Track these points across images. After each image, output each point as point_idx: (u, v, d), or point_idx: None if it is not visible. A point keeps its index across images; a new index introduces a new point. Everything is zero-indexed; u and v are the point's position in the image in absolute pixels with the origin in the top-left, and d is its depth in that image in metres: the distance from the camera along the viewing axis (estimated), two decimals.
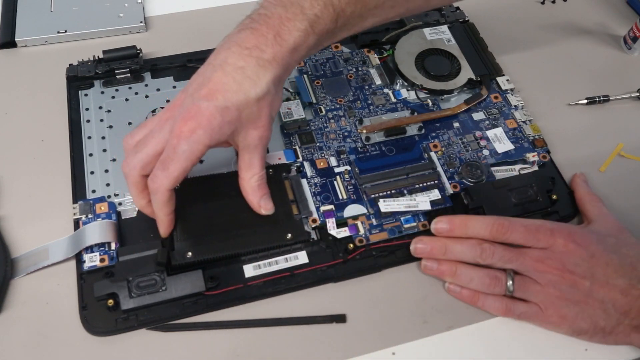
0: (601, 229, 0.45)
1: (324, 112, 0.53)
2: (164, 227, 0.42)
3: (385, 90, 0.55)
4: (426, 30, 0.59)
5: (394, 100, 0.55)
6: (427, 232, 0.46)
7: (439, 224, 0.44)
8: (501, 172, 0.50)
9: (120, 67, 0.54)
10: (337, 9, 0.41)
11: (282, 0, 0.40)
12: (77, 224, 0.45)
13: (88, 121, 0.52)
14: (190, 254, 0.42)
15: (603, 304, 0.40)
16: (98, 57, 0.55)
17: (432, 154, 0.51)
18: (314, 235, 0.46)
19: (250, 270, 0.44)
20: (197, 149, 0.38)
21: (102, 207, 0.45)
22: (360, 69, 0.57)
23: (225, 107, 0.38)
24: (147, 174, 0.40)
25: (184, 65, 0.56)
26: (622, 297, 0.40)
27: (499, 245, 0.42)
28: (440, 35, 0.58)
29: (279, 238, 0.44)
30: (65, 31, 0.58)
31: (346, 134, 0.52)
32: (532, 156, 0.51)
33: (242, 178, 0.43)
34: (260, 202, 0.43)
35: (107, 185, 0.48)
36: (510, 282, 0.42)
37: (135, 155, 0.40)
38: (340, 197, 0.48)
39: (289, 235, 0.44)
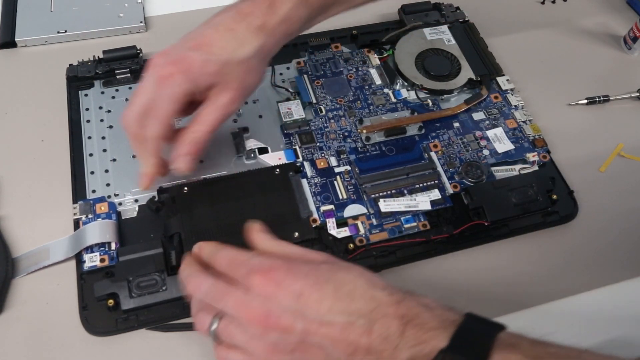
0: (312, 256, 0.37)
1: (324, 112, 0.53)
2: (147, 180, 0.43)
3: (386, 90, 0.55)
4: (426, 30, 0.59)
5: (394, 100, 0.55)
6: (427, 232, 0.46)
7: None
8: (501, 172, 0.50)
9: (121, 67, 0.54)
10: None
11: None
12: (77, 224, 0.45)
13: (88, 121, 0.52)
14: None
15: (322, 348, 0.32)
16: (98, 57, 0.55)
17: (432, 154, 0.51)
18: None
19: None
20: (177, 92, 0.40)
21: (102, 207, 0.45)
22: (360, 69, 0.57)
23: (208, 59, 0.40)
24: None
25: None
26: (342, 337, 0.32)
27: (207, 277, 0.35)
28: (440, 35, 0.58)
29: (286, 237, 0.44)
30: (65, 31, 0.58)
31: (346, 134, 0.52)
32: (532, 156, 0.51)
33: (188, 128, 0.42)
34: (181, 157, 0.42)
35: (107, 185, 0.48)
36: (215, 326, 0.34)
37: (129, 107, 0.41)
38: (341, 197, 0.48)
39: (296, 234, 0.44)
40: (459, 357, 0.29)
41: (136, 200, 0.47)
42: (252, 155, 0.50)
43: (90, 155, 0.49)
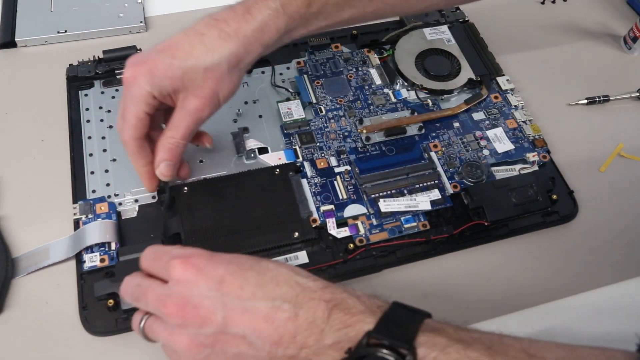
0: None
1: (324, 112, 0.53)
2: (145, 181, 0.44)
3: (385, 90, 0.55)
4: (426, 30, 0.59)
5: (394, 100, 0.55)
6: (427, 232, 0.46)
7: None
8: (501, 172, 0.50)
9: (121, 67, 0.54)
10: None
11: None
12: (77, 224, 0.45)
13: (88, 121, 0.52)
14: None
15: (245, 338, 0.31)
16: (98, 57, 0.55)
17: (432, 154, 0.51)
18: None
19: None
20: (141, 94, 0.40)
21: (102, 207, 0.45)
22: (360, 69, 0.57)
23: (171, 63, 0.39)
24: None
25: None
26: (266, 324, 0.31)
27: (135, 277, 0.35)
28: (440, 35, 0.58)
29: (286, 237, 0.44)
30: (65, 31, 0.58)
31: (346, 133, 0.52)
32: (532, 156, 0.51)
33: (164, 134, 0.42)
34: (161, 164, 0.43)
35: (107, 185, 0.48)
36: (142, 323, 0.34)
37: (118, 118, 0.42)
38: (341, 197, 0.48)
39: (296, 233, 0.44)
40: (385, 338, 0.29)
41: (136, 200, 0.47)
42: (252, 155, 0.50)
43: (90, 155, 0.49)
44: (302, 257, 0.45)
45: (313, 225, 0.45)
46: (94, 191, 0.47)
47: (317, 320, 0.31)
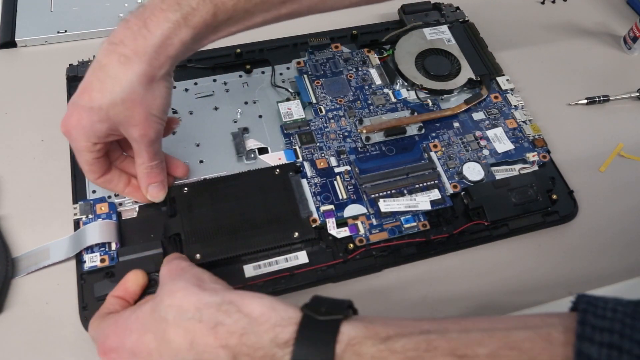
0: (161, 273, 0.37)
1: (324, 112, 0.53)
2: (133, 197, 0.46)
3: (385, 90, 0.56)
4: (426, 30, 0.59)
5: (394, 100, 0.55)
6: (427, 232, 0.46)
7: None
8: (501, 172, 0.50)
9: None
10: (216, 1, 0.39)
11: None
12: (77, 224, 0.45)
13: None
14: (198, 255, 0.42)
15: None
16: None
17: (432, 153, 0.51)
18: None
19: (250, 270, 0.44)
20: (82, 145, 0.40)
21: (103, 208, 0.45)
22: (360, 69, 0.57)
23: (91, 107, 0.38)
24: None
25: (184, 66, 0.56)
26: None
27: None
28: (440, 35, 0.58)
29: (286, 237, 0.44)
30: (65, 31, 0.59)
31: (346, 134, 0.52)
32: (532, 156, 0.51)
33: (135, 162, 0.43)
34: (148, 188, 0.44)
35: None
36: None
37: None
38: (341, 197, 0.48)
39: (296, 233, 0.44)
40: None
41: (136, 201, 0.47)
42: (252, 155, 0.50)
43: None
44: (302, 257, 0.45)
45: (313, 225, 0.45)
46: (94, 191, 0.47)
47: None
